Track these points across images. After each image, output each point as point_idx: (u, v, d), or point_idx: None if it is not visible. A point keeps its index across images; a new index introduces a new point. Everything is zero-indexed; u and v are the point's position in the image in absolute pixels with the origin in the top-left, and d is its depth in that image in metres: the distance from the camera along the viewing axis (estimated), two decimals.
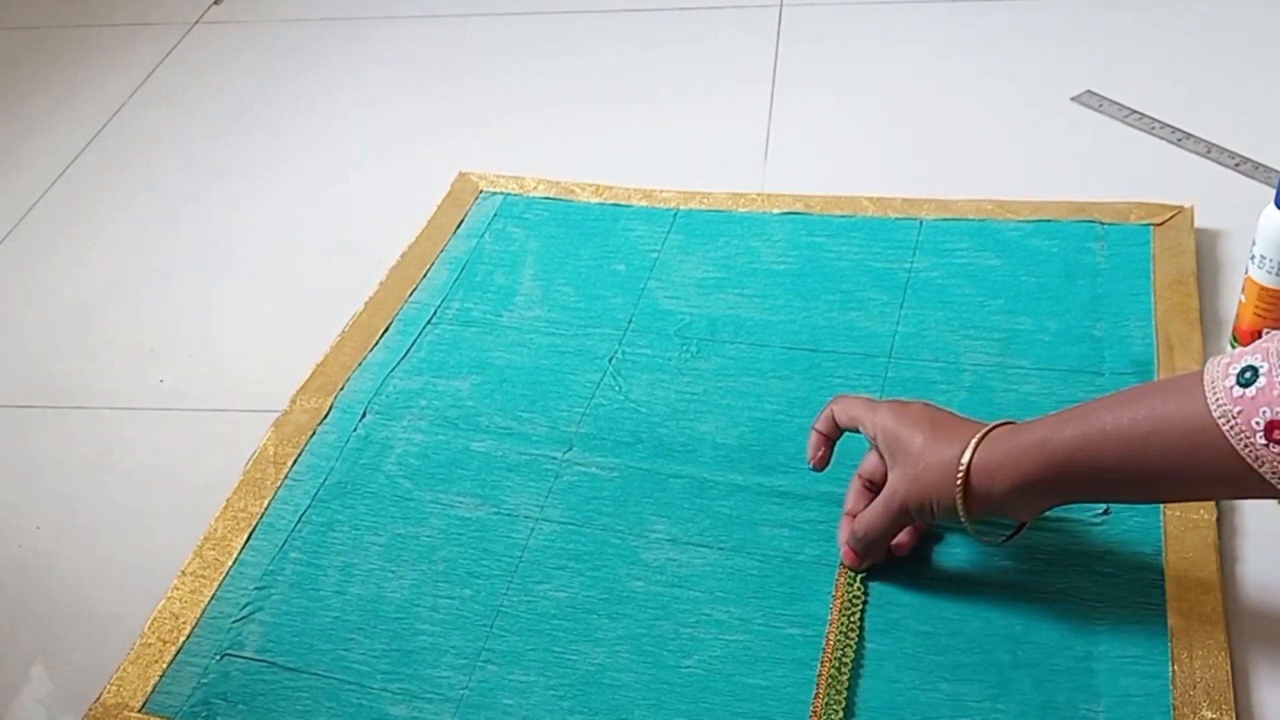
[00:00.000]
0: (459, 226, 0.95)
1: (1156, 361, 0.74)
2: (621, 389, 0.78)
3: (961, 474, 0.56)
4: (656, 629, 0.63)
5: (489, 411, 0.77)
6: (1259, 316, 0.71)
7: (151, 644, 0.65)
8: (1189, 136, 0.95)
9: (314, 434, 0.77)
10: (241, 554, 0.70)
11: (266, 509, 0.72)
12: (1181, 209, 0.85)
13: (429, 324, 0.85)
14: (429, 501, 0.72)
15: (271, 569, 0.69)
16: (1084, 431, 0.54)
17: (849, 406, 0.64)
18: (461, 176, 1.00)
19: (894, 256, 0.85)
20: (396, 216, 0.96)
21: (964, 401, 0.73)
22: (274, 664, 0.64)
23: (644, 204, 0.94)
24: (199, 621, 0.66)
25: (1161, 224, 0.84)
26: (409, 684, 0.62)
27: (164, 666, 0.64)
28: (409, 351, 0.83)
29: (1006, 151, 0.97)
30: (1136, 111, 0.99)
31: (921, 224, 0.88)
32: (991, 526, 0.62)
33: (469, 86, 1.18)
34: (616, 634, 0.63)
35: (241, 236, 1.01)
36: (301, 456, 0.76)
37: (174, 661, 0.64)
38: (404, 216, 0.96)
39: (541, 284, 0.88)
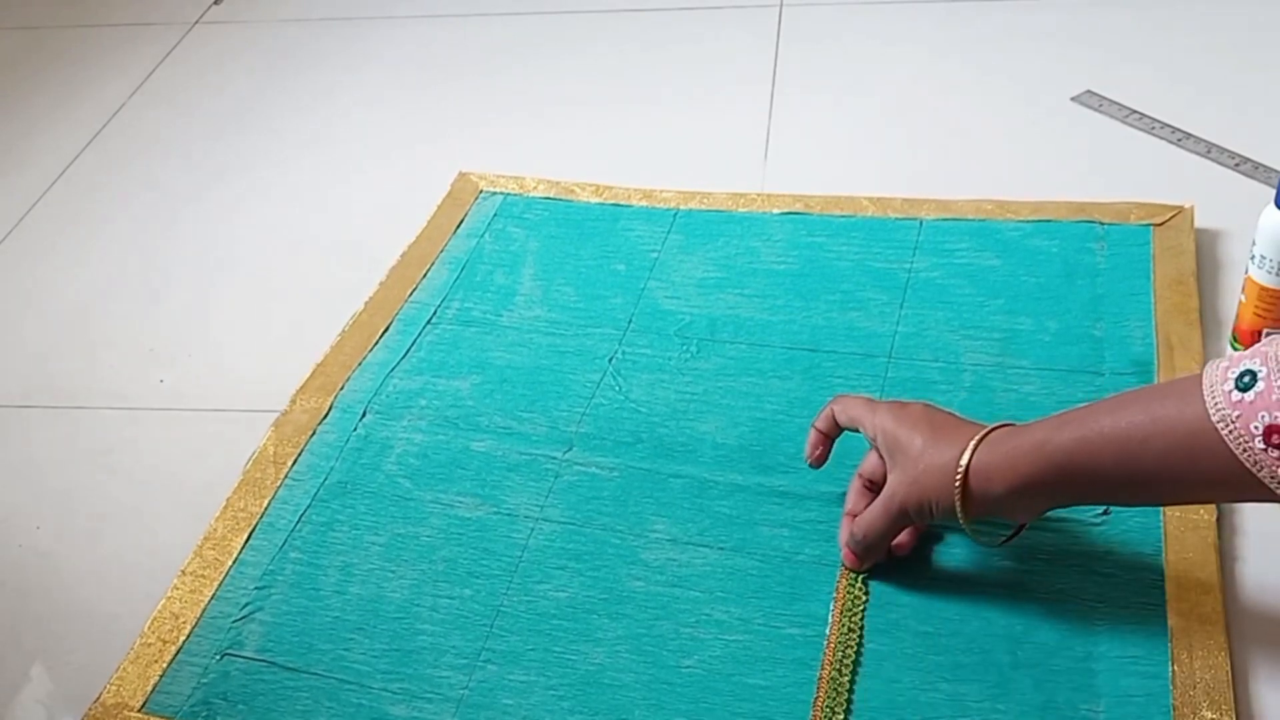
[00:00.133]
0: (459, 226, 0.95)
1: (1156, 362, 0.74)
2: (621, 389, 0.78)
3: (960, 476, 0.56)
4: (656, 629, 0.63)
5: (489, 411, 0.77)
6: (1259, 317, 0.71)
7: (151, 644, 0.65)
8: (1189, 136, 0.95)
9: (314, 434, 0.77)
10: (241, 554, 0.70)
11: (266, 509, 0.72)
12: (1181, 209, 0.85)
13: (429, 324, 0.85)
14: (429, 501, 0.72)
15: (271, 569, 0.69)
16: (1082, 434, 0.54)
17: (849, 406, 0.64)
18: (461, 176, 1.00)
19: (894, 256, 0.85)
20: (396, 216, 0.96)
21: (964, 402, 0.73)
22: (274, 664, 0.64)
23: (644, 204, 0.94)
24: (199, 621, 0.66)
25: (1161, 224, 0.84)
26: (409, 684, 0.62)
27: (164, 666, 0.64)
28: (409, 351, 0.83)
29: (1006, 151, 0.97)
30: (1136, 111, 0.99)
31: (921, 224, 0.88)
32: (990, 528, 0.62)
33: (469, 86, 1.18)
34: (616, 634, 0.63)
35: (241, 236, 1.01)
36: (301, 456, 0.76)
37: (174, 661, 0.64)
38: (404, 216, 0.96)
39: (541, 284, 0.88)
